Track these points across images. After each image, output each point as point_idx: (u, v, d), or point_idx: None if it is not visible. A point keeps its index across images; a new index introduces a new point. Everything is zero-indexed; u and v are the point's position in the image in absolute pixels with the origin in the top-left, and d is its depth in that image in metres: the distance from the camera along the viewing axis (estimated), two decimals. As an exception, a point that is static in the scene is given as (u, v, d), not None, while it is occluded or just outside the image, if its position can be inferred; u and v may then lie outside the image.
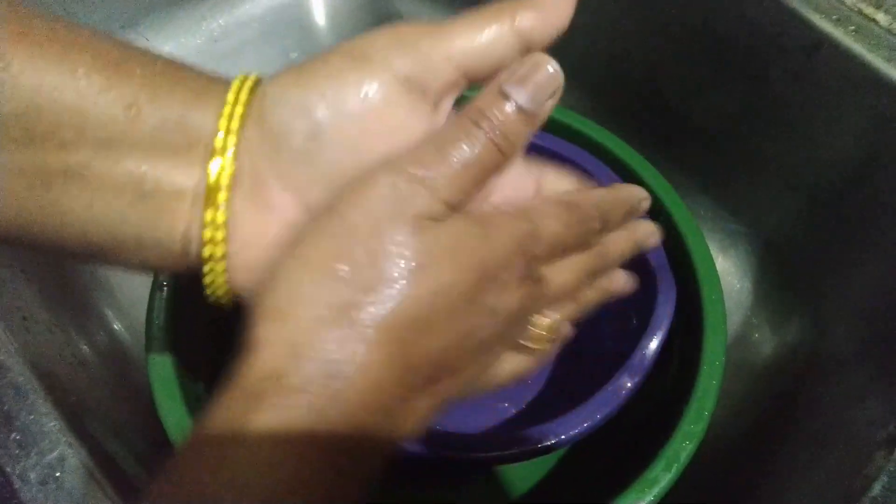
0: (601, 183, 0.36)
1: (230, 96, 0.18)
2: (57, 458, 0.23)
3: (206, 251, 0.18)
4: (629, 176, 0.36)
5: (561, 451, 0.37)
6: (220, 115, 0.18)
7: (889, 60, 0.32)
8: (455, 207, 0.17)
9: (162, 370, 0.30)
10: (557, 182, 0.23)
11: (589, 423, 0.29)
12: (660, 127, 0.44)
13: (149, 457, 0.30)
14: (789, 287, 0.40)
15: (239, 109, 0.18)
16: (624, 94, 0.46)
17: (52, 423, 0.24)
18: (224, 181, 0.18)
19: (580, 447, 0.36)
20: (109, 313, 0.39)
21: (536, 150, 0.37)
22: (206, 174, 0.18)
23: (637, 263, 0.34)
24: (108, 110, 0.17)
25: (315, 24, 0.54)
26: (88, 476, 0.23)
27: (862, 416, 0.29)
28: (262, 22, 0.53)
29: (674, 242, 0.34)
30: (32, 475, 0.23)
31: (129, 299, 0.40)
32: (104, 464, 0.25)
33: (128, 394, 0.34)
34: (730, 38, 0.38)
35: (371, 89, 0.17)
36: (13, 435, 0.24)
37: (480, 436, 0.33)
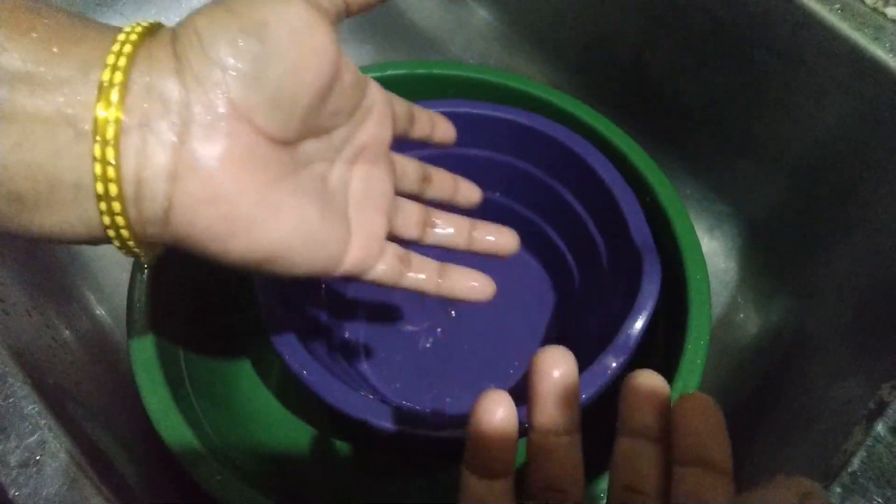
0: (588, 161, 0.36)
1: (120, 36, 0.18)
2: (37, 441, 0.23)
3: (99, 188, 0.17)
4: (615, 155, 0.36)
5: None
6: (109, 52, 0.18)
7: (874, 39, 0.32)
8: None
9: (143, 353, 0.29)
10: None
11: (574, 402, 0.29)
12: (646, 107, 0.44)
13: (130, 440, 0.30)
14: (774, 267, 0.41)
15: (127, 48, 0.18)
16: (610, 74, 0.46)
17: (31, 407, 0.24)
18: (112, 117, 0.17)
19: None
20: (90, 297, 0.38)
21: (523, 130, 0.37)
22: (93, 111, 0.17)
23: (623, 243, 0.34)
24: (27, 49, 0.17)
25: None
26: (69, 459, 0.23)
27: (842, 393, 0.30)
28: None
29: (660, 223, 0.34)
30: (12, 459, 0.23)
31: (111, 283, 0.39)
32: (85, 447, 0.25)
33: (109, 377, 0.34)
34: (715, 17, 0.38)
35: (294, 14, 0.19)
36: (-9, 419, 0.24)
37: (464, 416, 0.34)
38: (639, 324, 0.30)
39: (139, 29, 0.19)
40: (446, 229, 0.28)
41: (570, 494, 0.19)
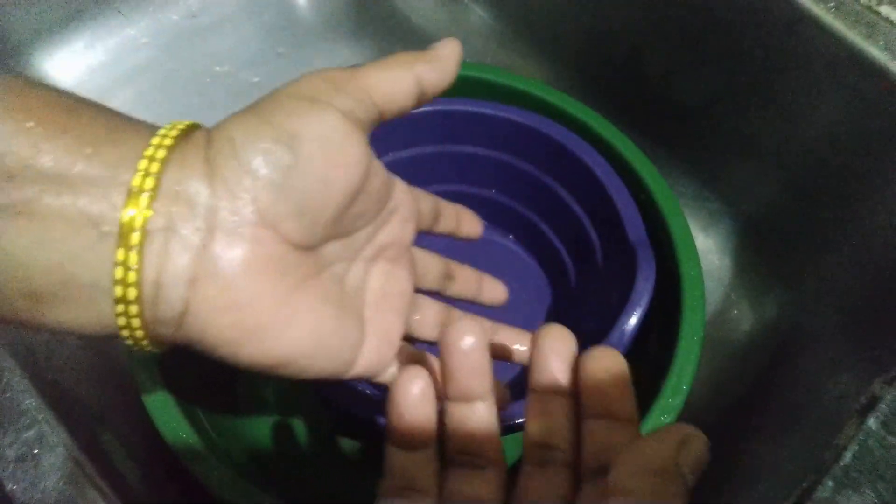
0: (583, 159, 0.36)
1: (155, 140, 0.18)
2: (35, 435, 0.23)
3: (118, 291, 0.17)
4: (610, 153, 0.36)
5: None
6: (141, 158, 0.18)
7: (868, 37, 0.32)
8: None
9: (141, 351, 0.29)
10: None
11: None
12: (641, 105, 0.44)
13: (128, 436, 0.30)
14: (768, 265, 0.41)
15: (161, 153, 0.18)
16: (606, 72, 0.46)
17: (29, 401, 0.24)
18: (138, 223, 0.17)
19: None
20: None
21: (520, 128, 0.38)
22: (119, 215, 0.17)
23: (618, 241, 0.34)
24: (60, 149, 0.17)
25: (294, 0, 0.53)
26: (67, 454, 0.23)
27: (835, 389, 0.30)
28: (241, -3, 0.52)
29: (654, 220, 0.34)
30: (10, 453, 0.23)
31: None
32: (83, 442, 0.25)
33: (107, 374, 0.34)
34: (711, 16, 0.38)
35: (329, 125, 0.19)
36: (-11, 413, 0.24)
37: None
38: (633, 320, 0.31)
39: (175, 132, 0.19)
40: None
41: (488, 455, 0.20)
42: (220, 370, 0.36)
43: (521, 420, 0.28)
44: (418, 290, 0.27)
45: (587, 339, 0.34)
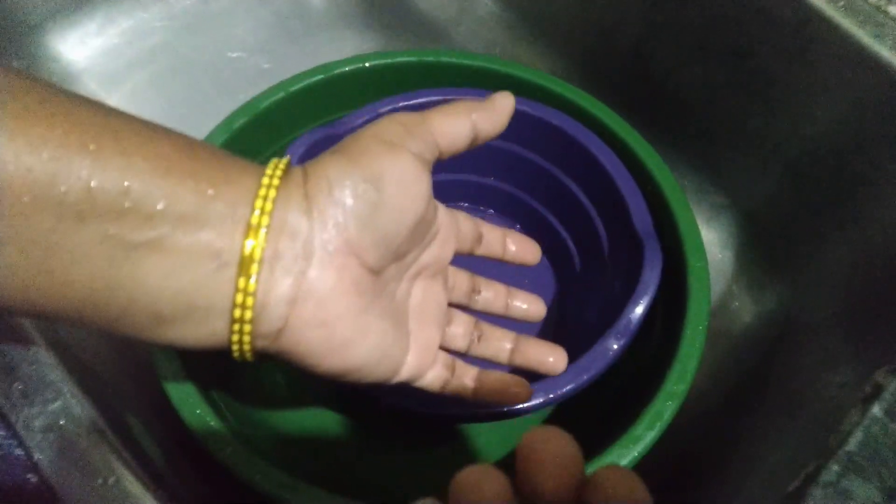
0: (590, 150, 0.36)
1: (264, 180, 0.21)
2: (60, 407, 0.24)
3: (236, 313, 0.20)
4: (617, 144, 0.37)
5: (549, 410, 0.38)
6: (256, 197, 0.20)
7: (876, 37, 0.33)
8: None
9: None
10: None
11: (574, 384, 0.30)
12: (646, 98, 0.45)
13: (145, 411, 0.31)
14: (769, 257, 0.41)
15: (272, 192, 0.20)
16: (612, 64, 0.46)
17: (55, 374, 0.24)
18: (257, 255, 0.20)
19: (568, 407, 0.37)
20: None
21: (526, 118, 0.38)
22: (241, 247, 0.20)
23: (624, 230, 0.35)
24: (187, 191, 0.19)
25: (306, -12, 0.54)
26: (91, 425, 0.24)
27: (835, 378, 0.31)
28: (254, -17, 0.52)
29: (661, 212, 0.35)
30: (36, 423, 0.23)
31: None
32: (105, 414, 0.25)
33: (124, 351, 0.34)
34: (719, 13, 0.38)
35: (405, 166, 0.22)
36: (16, 384, 0.24)
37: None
38: (640, 309, 0.31)
39: (279, 172, 0.21)
40: (491, 342, 0.30)
41: None
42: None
43: (533, 403, 0.29)
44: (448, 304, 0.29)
45: (589, 325, 0.35)
